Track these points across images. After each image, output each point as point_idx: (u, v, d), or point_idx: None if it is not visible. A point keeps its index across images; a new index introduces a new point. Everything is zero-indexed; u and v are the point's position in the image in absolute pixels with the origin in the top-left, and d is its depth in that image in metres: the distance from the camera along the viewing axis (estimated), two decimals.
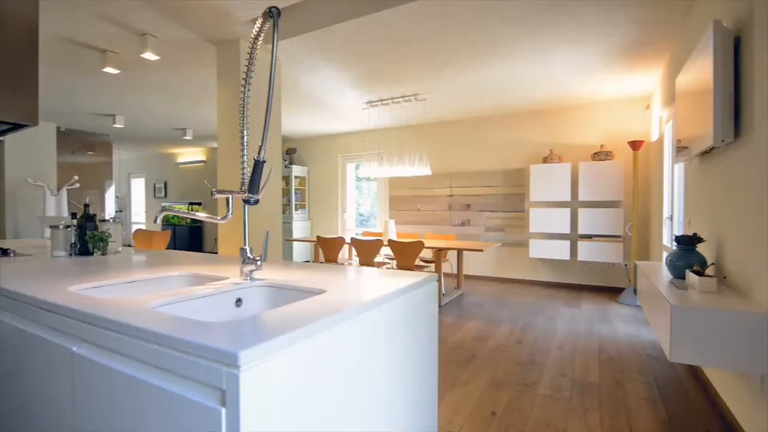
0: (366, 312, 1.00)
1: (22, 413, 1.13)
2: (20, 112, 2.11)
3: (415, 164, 4.98)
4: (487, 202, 5.99)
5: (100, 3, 2.81)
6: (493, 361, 2.83)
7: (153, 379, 0.76)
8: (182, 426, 0.71)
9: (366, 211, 7.87)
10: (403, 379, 1.18)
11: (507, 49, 3.54)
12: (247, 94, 1.26)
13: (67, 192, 4.51)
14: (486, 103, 5.32)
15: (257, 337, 0.71)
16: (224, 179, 3.45)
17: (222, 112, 3.44)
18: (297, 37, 3.32)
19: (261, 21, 1.16)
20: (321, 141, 7.76)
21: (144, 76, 4.35)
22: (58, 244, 2.00)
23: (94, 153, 7.51)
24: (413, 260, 4.27)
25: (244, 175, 1.30)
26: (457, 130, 6.27)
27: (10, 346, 1.16)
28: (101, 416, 0.87)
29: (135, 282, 1.39)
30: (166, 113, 6.00)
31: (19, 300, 1.14)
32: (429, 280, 1.36)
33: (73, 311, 0.94)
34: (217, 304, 1.20)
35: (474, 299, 4.77)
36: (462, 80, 4.39)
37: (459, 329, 3.58)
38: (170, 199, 10.10)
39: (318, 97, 5.05)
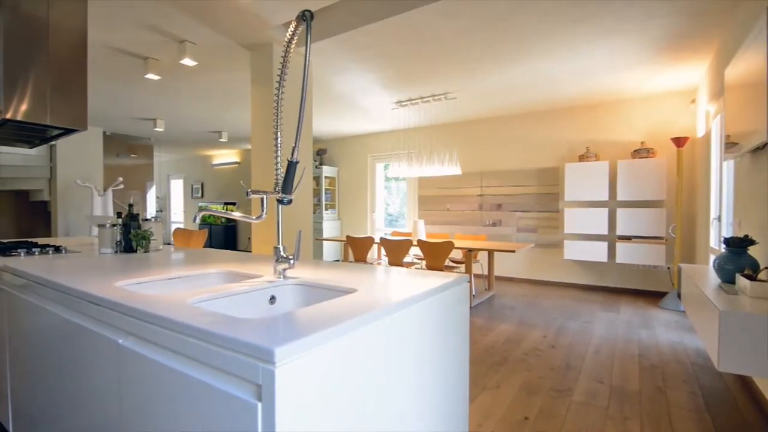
0: (397, 312, 0.99)
1: (69, 400, 1.20)
2: (72, 118, 2.25)
3: (444, 163, 4.94)
4: (519, 202, 5.86)
5: (143, 12, 2.95)
6: (525, 365, 2.76)
7: (193, 372, 0.79)
8: (220, 418, 0.74)
9: (395, 211, 7.87)
10: (434, 380, 1.17)
11: (540, 44, 3.44)
12: (281, 97, 1.29)
13: (112, 192, 4.76)
14: (518, 101, 5.20)
15: (292, 335, 0.73)
16: (257, 180, 3.54)
17: (255, 114, 3.53)
18: (328, 39, 3.36)
19: (294, 24, 1.19)
20: (351, 141, 7.83)
21: (182, 82, 4.53)
22: (105, 241, 2.12)
23: (136, 155, 7.89)
24: (443, 261, 4.23)
25: (277, 175, 1.33)
26: (487, 129, 6.16)
27: (61, 336, 1.24)
28: (144, 405, 0.91)
29: (175, 278, 1.45)
30: (203, 116, 6.23)
31: (70, 294, 1.21)
32: (460, 280, 1.35)
33: (120, 305, 0.99)
34: (252, 301, 1.23)
35: (505, 301, 4.68)
36: (493, 78, 4.31)
37: (490, 331, 3.52)
38: (206, 199, 10.48)
39: (348, 98, 5.10)
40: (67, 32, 2.24)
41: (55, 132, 2.38)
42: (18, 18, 2.06)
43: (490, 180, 6.10)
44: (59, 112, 2.19)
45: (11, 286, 1.62)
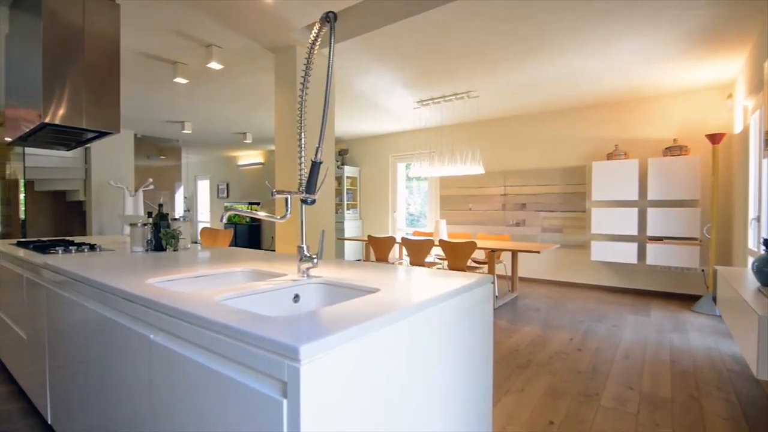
0: (420, 312, 0.99)
1: (103, 392, 1.25)
2: (106, 121, 2.34)
3: (467, 163, 4.89)
4: (544, 202, 5.73)
5: (171, 18, 3.04)
6: (550, 368, 2.70)
7: (220, 367, 0.81)
8: (246, 413, 0.75)
9: (416, 211, 7.85)
10: (457, 381, 1.16)
11: (566, 40, 3.36)
12: (305, 98, 1.30)
13: (143, 193, 4.93)
14: (542, 98, 5.09)
15: (316, 333, 0.74)
16: (281, 180, 3.60)
17: (279, 115, 3.59)
18: (349, 40, 3.38)
19: (318, 26, 1.20)
20: (372, 141, 7.85)
21: (209, 85, 4.64)
22: (137, 240, 2.20)
23: (165, 157, 8.15)
24: (465, 261, 4.19)
25: (301, 175, 1.35)
26: (511, 127, 6.06)
27: (96, 331, 1.29)
28: (175, 399, 0.94)
29: (203, 276, 1.49)
30: (228, 118, 6.37)
31: (105, 290, 1.26)
32: (483, 281, 1.33)
33: (151, 302, 1.02)
34: (277, 299, 1.25)
35: (530, 303, 4.59)
36: (517, 75, 4.24)
37: (514, 333, 3.46)
38: (232, 199, 10.72)
39: (370, 98, 5.11)
40: (102, 39, 2.33)
41: (90, 135, 2.48)
42: (56, 26, 2.16)
43: (513, 179, 5.99)
44: (94, 115, 2.29)
45: (51, 282, 1.71)
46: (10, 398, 2.22)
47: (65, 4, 2.18)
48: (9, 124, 2.72)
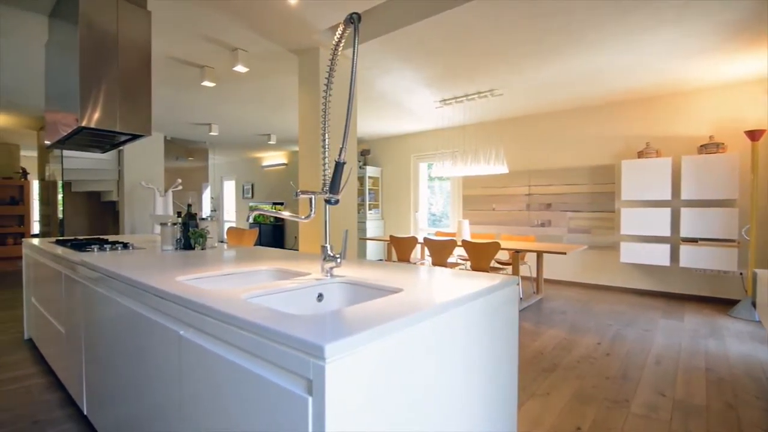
0: (444, 313, 0.98)
1: (135, 385, 1.30)
2: (138, 124, 2.43)
3: (490, 162, 4.82)
4: (571, 202, 5.59)
5: (199, 24, 3.13)
6: (577, 373, 2.63)
7: (248, 364, 0.83)
8: (273, 409, 0.76)
9: (438, 211, 7.79)
10: (481, 383, 1.15)
11: (594, 35, 3.27)
12: (328, 99, 1.31)
13: (172, 193, 5.09)
14: (569, 95, 4.97)
15: (341, 332, 0.74)
16: (304, 180, 3.64)
17: (303, 117, 3.63)
18: (371, 41, 3.39)
19: (342, 28, 1.20)
20: (394, 141, 7.85)
21: (234, 88, 4.75)
22: (166, 239, 2.27)
23: (193, 158, 8.39)
24: (488, 262, 4.13)
25: (325, 176, 1.36)
26: (536, 125, 5.94)
27: (129, 326, 1.34)
28: (203, 393, 0.96)
29: (229, 275, 1.53)
30: (253, 120, 6.50)
31: (137, 287, 1.31)
32: (508, 282, 1.31)
33: (181, 299, 1.05)
34: (301, 298, 1.27)
35: (555, 305, 4.49)
36: (542, 72, 4.15)
37: (539, 336, 3.39)
38: (256, 199, 10.93)
39: (391, 98, 5.11)
40: (134, 45, 2.42)
41: (123, 138, 2.58)
42: (92, 34, 2.25)
43: (538, 179, 5.87)
44: (127, 119, 2.38)
45: (87, 279, 1.78)
46: (49, 389, 2.33)
47: (100, 13, 2.27)
48: (48, 128, 2.86)
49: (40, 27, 3.14)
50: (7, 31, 3.21)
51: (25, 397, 2.23)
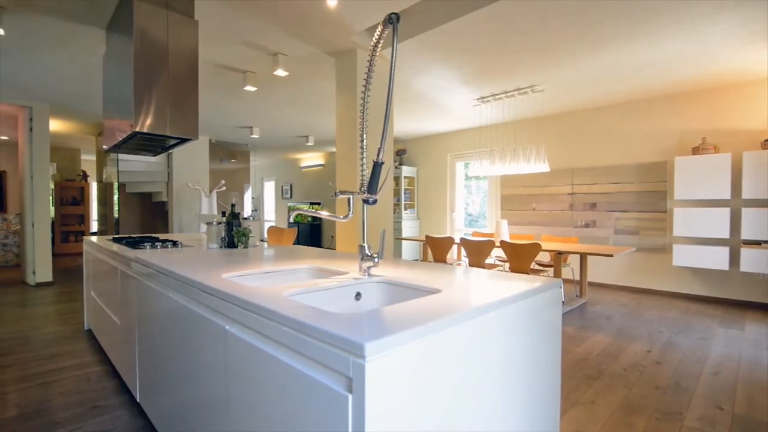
0: (484, 315, 0.96)
1: (184, 375, 1.36)
2: (186, 129, 2.56)
3: (530, 160, 4.67)
4: (617, 201, 5.32)
5: (241, 30, 3.24)
6: (624, 381, 2.50)
7: (289, 359, 0.85)
8: (313, 405, 0.78)
9: (475, 211, 7.66)
10: (522, 387, 1.11)
11: (643, 25, 3.09)
12: (367, 101, 1.32)
13: (216, 194, 5.32)
14: (615, 89, 4.73)
15: (381, 331, 0.74)
16: (342, 180, 3.69)
17: (340, 118, 3.68)
18: (407, 41, 3.39)
19: (381, 28, 1.21)
20: (430, 141, 7.80)
21: (274, 91, 4.89)
22: (212, 237, 2.37)
23: (236, 160, 8.73)
24: (529, 263, 4.01)
25: (363, 176, 1.37)
26: (579, 121, 5.70)
27: (179, 320, 1.41)
28: (247, 385, 1.00)
29: (271, 272, 1.57)
30: (292, 122, 6.67)
31: (186, 283, 1.38)
32: (551, 285, 1.26)
33: (227, 295, 1.09)
34: (339, 297, 1.28)
35: (600, 309, 4.29)
36: (586, 66, 3.98)
37: (582, 342, 3.25)
38: (295, 199, 11.21)
39: (427, 97, 5.08)
40: (183, 54, 2.55)
41: (172, 141, 2.73)
42: (145, 44, 2.39)
43: (582, 177, 5.63)
44: (177, 124, 2.51)
45: (140, 274, 1.90)
46: (106, 376, 2.50)
47: (152, 24, 2.41)
48: (106, 134, 3.07)
49: (98, 40, 3.38)
50: (68, 44, 3.48)
51: (85, 383, 2.40)
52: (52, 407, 2.12)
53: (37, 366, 2.66)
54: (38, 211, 5.50)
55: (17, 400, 2.19)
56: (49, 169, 5.63)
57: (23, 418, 2.01)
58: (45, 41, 3.42)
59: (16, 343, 3.10)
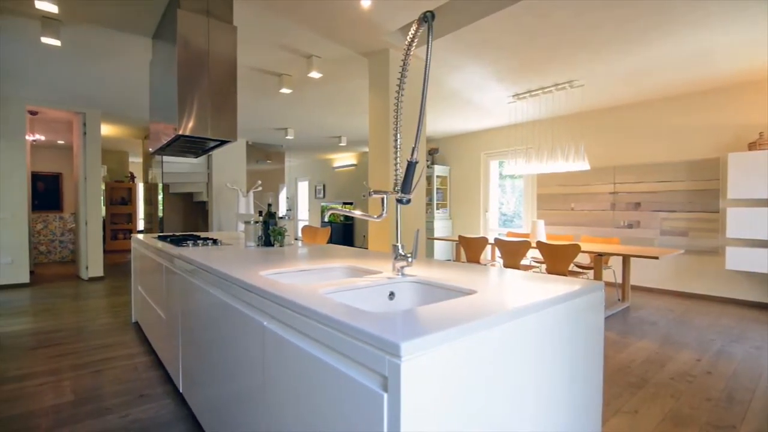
0: (521, 317, 0.94)
1: (224, 368, 1.41)
2: (226, 131, 2.65)
3: (569, 158, 4.51)
4: (664, 200, 5.04)
5: (277, 34, 3.32)
6: (672, 391, 2.37)
7: (325, 356, 0.86)
8: (349, 402, 0.78)
9: (509, 211, 7.49)
10: (561, 393, 1.07)
11: (690, 14, 2.91)
12: (401, 100, 1.32)
13: (253, 194, 5.48)
14: (661, 82, 4.48)
15: (417, 331, 0.74)
16: (374, 180, 3.71)
17: (373, 118, 3.70)
18: (440, 39, 3.35)
19: (415, 26, 1.20)
20: (463, 139, 7.69)
21: (309, 93, 4.98)
22: (250, 236, 2.45)
23: (271, 161, 8.96)
24: (567, 265, 3.88)
25: (397, 175, 1.37)
26: (622, 117, 5.44)
27: (219, 315, 1.46)
28: (284, 380, 1.02)
29: (306, 271, 1.60)
30: (326, 123, 6.77)
31: (226, 280, 1.43)
32: (593, 288, 1.21)
33: (265, 292, 1.12)
34: (373, 296, 1.29)
35: (644, 315, 4.08)
36: (628, 59, 3.79)
37: (625, 348, 3.11)
38: (327, 199, 11.37)
39: (461, 95, 5.01)
40: (222, 59, 2.64)
41: (212, 143, 2.84)
42: (187, 51, 2.50)
43: (625, 175, 5.37)
44: (217, 127, 2.60)
45: (183, 270, 1.98)
46: (152, 367, 2.63)
47: (194, 31, 2.51)
48: (152, 137, 3.24)
49: (145, 48, 3.56)
50: (118, 53, 3.69)
51: (132, 373, 2.54)
52: (103, 394, 2.25)
53: (89, 355, 2.85)
54: (91, 211, 5.88)
55: (72, 386, 2.35)
56: (100, 171, 6.00)
57: (78, 403, 2.15)
58: (97, 51, 3.64)
59: (71, 334, 3.32)
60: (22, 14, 2.95)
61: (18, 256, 5.31)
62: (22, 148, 5.33)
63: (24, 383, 2.39)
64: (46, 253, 7.56)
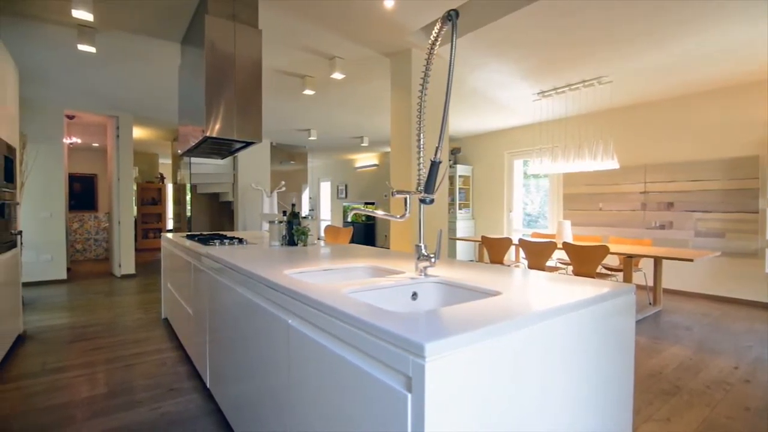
0: (549, 320, 0.92)
1: (249, 365, 1.44)
2: (251, 133, 2.70)
3: (597, 157, 4.38)
4: (698, 200, 4.83)
5: (300, 37, 3.37)
6: (707, 400, 2.27)
7: (349, 356, 0.86)
8: (372, 401, 0.79)
9: (534, 211, 7.34)
10: (589, 398, 1.04)
11: (728, 4, 2.78)
12: (424, 99, 1.31)
13: (277, 194, 5.56)
14: (696, 77, 4.30)
15: (441, 332, 0.73)
16: (396, 180, 3.71)
17: (395, 118, 3.70)
18: (462, 37, 3.32)
19: (439, 25, 1.19)
20: (486, 138, 7.59)
21: (331, 94, 5.02)
22: (274, 235, 2.49)
23: (295, 162, 9.09)
24: (595, 267, 3.77)
25: (420, 175, 1.36)
26: (653, 114, 5.25)
27: (245, 313, 1.49)
28: (308, 378, 1.03)
29: (329, 270, 1.61)
30: (348, 124, 6.81)
31: (252, 278, 1.45)
32: (623, 291, 1.17)
33: (290, 291, 1.14)
34: (396, 296, 1.29)
35: (677, 319, 3.92)
36: (661, 53, 3.65)
37: (656, 353, 3.00)
38: (349, 199, 11.44)
39: (484, 93, 4.95)
40: (248, 62, 2.70)
41: (238, 145, 2.90)
42: (215, 55, 2.56)
43: (656, 174, 5.18)
44: (242, 128, 2.66)
45: (210, 268, 2.03)
46: (180, 362, 2.71)
47: (221, 36, 2.58)
48: (181, 139, 3.33)
49: (174, 53, 3.67)
50: (148, 58, 3.82)
51: (162, 368, 2.63)
52: (134, 387, 2.34)
53: (122, 350, 2.96)
54: (123, 210, 6.11)
55: (105, 379, 2.45)
56: (132, 172, 6.23)
57: (110, 396, 2.24)
58: (129, 57, 3.78)
59: (105, 329, 3.46)
60: (59, 23, 3.10)
61: (56, 253, 5.57)
62: (60, 151, 5.59)
63: (62, 375, 2.51)
64: (81, 251, 7.90)
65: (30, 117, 5.26)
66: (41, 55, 3.75)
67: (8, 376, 2.48)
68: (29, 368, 2.61)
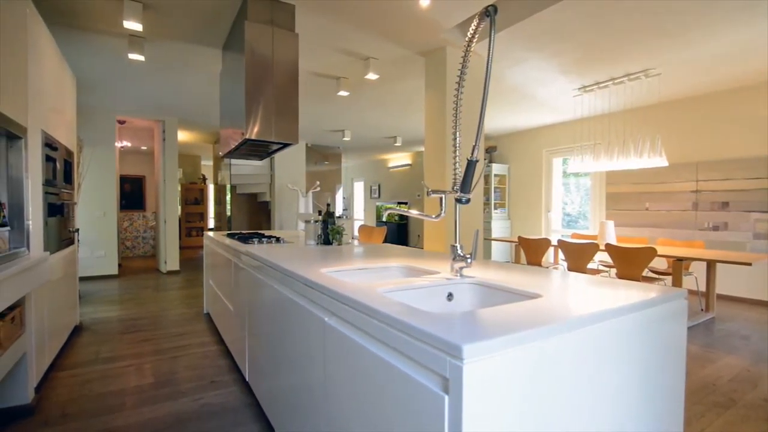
0: (594, 325, 0.88)
1: (286, 360, 1.47)
2: (288, 134, 2.76)
3: (643, 154, 4.16)
4: (756, 200, 4.47)
5: (336, 38, 3.41)
6: (765, 415, 2.10)
7: (385, 355, 0.86)
8: (408, 402, 0.78)
9: (574, 211, 7.07)
10: (636, 409, 0.99)
11: None
12: (460, 97, 1.29)
13: (312, 194, 5.66)
14: (754, 67, 3.99)
15: (480, 334, 0.72)
16: (430, 179, 3.68)
17: (430, 117, 3.67)
18: (500, 32, 3.24)
19: (476, 22, 1.17)
20: (523, 136, 7.39)
21: (365, 95, 5.06)
22: (310, 234, 2.53)
23: (329, 162, 9.23)
24: (641, 270, 3.58)
25: (455, 174, 1.34)
26: (706, 107, 4.92)
27: (282, 309, 1.53)
28: (343, 375, 1.04)
29: (364, 269, 1.62)
30: (381, 124, 6.84)
31: (289, 276, 1.49)
32: (673, 296, 1.10)
33: (327, 289, 1.16)
34: (431, 296, 1.27)
35: (733, 327, 3.66)
36: (716, 42, 3.41)
37: (709, 363, 2.81)
38: (382, 199, 11.48)
39: (521, 90, 4.82)
40: (285, 65, 2.76)
41: (276, 146, 2.97)
42: (254, 59, 2.64)
43: (709, 172, 4.85)
44: (280, 130, 2.73)
45: (249, 266, 2.10)
46: (221, 355, 2.82)
47: (261, 40, 2.65)
48: (222, 142, 3.46)
49: (216, 59, 3.82)
50: (192, 64, 3.99)
51: (205, 360, 2.74)
52: (178, 378, 2.45)
53: (167, 342, 3.11)
54: (169, 210, 6.43)
55: (152, 370, 2.58)
56: (177, 174, 6.54)
57: (157, 386, 2.36)
58: (175, 64, 3.97)
59: (152, 322, 3.65)
60: (110, 33, 3.30)
61: (109, 250, 5.95)
62: (112, 154, 5.96)
63: (114, 364, 2.67)
64: (131, 248, 8.38)
65: (85, 122, 5.64)
66: (95, 64, 4.01)
67: (66, 363, 2.67)
68: (84, 357, 2.80)
